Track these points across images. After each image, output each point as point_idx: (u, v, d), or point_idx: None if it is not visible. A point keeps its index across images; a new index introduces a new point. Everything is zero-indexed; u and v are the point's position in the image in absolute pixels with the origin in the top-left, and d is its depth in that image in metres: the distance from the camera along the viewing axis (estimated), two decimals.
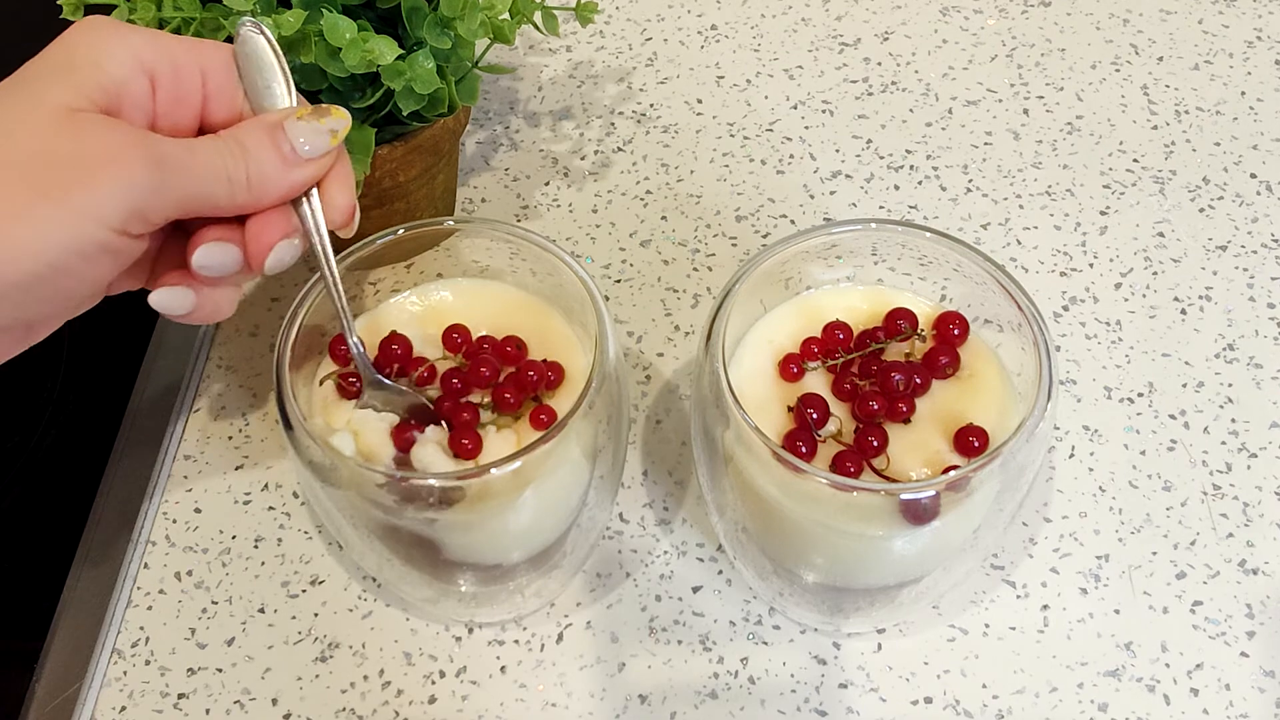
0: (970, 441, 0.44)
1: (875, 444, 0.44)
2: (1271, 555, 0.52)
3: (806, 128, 0.69)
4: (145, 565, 0.53)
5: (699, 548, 0.53)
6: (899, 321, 0.47)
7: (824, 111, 0.70)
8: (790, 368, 0.46)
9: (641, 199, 0.66)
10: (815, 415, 0.44)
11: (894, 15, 0.75)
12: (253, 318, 0.62)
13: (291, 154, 0.38)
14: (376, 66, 0.49)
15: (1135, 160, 0.67)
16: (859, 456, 0.44)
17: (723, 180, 0.67)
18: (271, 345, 0.61)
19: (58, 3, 0.52)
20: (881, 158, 0.67)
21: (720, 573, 0.52)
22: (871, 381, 0.45)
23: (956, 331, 0.47)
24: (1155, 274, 0.62)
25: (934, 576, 0.48)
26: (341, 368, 0.46)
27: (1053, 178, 0.66)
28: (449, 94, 0.54)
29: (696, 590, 0.52)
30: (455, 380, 0.45)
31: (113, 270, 0.37)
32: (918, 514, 0.42)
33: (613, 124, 0.70)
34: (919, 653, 0.50)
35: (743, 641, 0.50)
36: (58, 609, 0.52)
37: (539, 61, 0.73)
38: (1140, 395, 0.57)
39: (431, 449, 0.44)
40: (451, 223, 0.49)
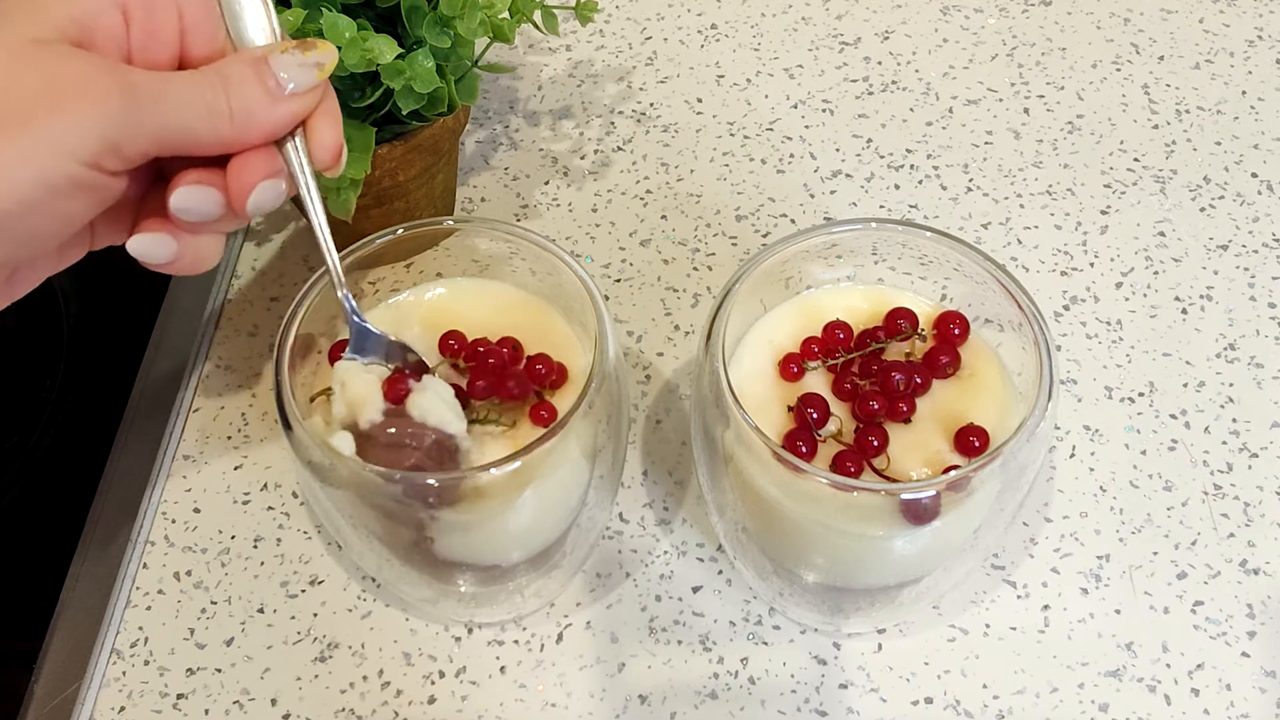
0: (971, 441, 0.44)
1: (875, 444, 0.44)
2: (1272, 555, 0.52)
3: (807, 127, 0.69)
4: (144, 565, 0.53)
5: (699, 548, 0.53)
6: (899, 321, 0.47)
7: (824, 111, 0.70)
8: (790, 367, 0.46)
9: (641, 198, 0.66)
10: (815, 415, 0.44)
11: (894, 14, 0.75)
12: (252, 317, 0.62)
13: (277, 88, 0.37)
14: (376, 65, 0.49)
15: (1136, 159, 0.67)
16: (859, 456, 0.43)
17: (723, 179, 0.67)
18: (270, 345, 0.60)
19: None
20: (882, 157, 0.67)
21: (720, 573, 0.52)
22: (872, 381, 0.45)
23: (957, 331, 0.47)
24: (1156, 273, 0.62)
25: (934, 576, 0.48)
26: None
27: (1053, 177, 0.66)
28: (448, 93, 0.54)
29: (696, 590, 0.52)
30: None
31: (89, 210, 0.35)
32: (918, 514, 0.42)
33: (612, 123, 0.70)
34: (919, 653, 0.50)
35: (743, 641, 0.50)
36: (57, 609, 0.52)
37: (539, 60, 0.73)
38: (1141, 395, 0.57)
39: (430, 396, 0.43)
40: (451, 222, 0.49)
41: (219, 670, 0.50)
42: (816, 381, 0.46)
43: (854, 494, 0.41)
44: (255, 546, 0.54)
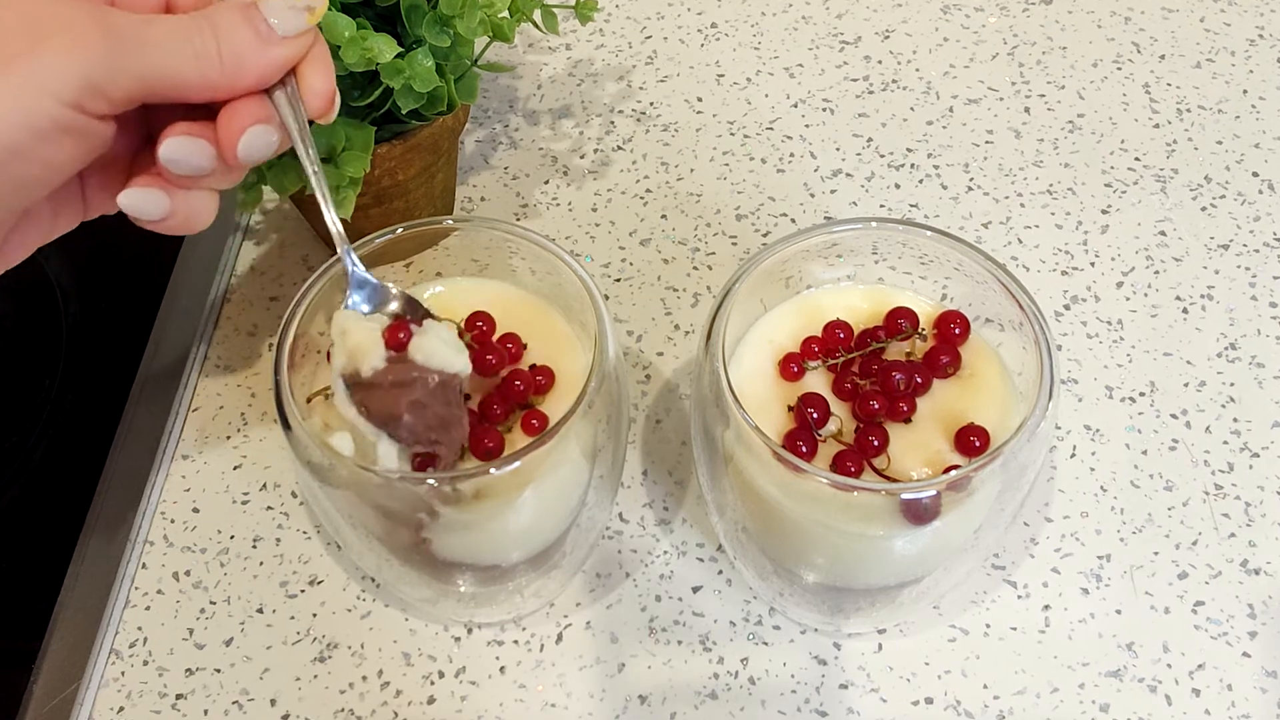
0: (971, 441, 0.44)
1: (876, 443, 0.44)
2: (1273, 555, 0.52)
3: (807, 126, 0.69)
4: (143, 565, 0.53)
5: (699, 548, 0.53)
6: (900, 321, 0.47)
7: (824, 110, 0.70)
8: (790, 367, 0.46)
9: (641, 198, 0.66)
10: (816, 415, 0.44)
11: (895, 13, 0.75)
12: (251, 317, 0.62)
13: (267, 32, 0.36)
14: (375, 64, 0.49)
15: (1137, 159, 0.67)
16: (859, 456, 0.43)
17: (723, 179, 0.66)
18: (270, 345, 0.60)
19: None
20: (882, 156, 0.67)
21: (720, 573, 0.52)
22: (872, 381, 0.45)
23: (957, 331, 0.47)
24: (1157, 273, 0.62)
25: (935, 576, 0.47)
26: None
27: (1054, 176, 0.66)
28: (448, 92, 0.54)
29: (696, 590, 0.52)
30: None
31: (74, 157, 0.35)
32: (918, 514, 0.42)
33: (612, 122, 0.69)
34: (920, 653, 0.50)
35: (743, 642, 0.50)
36: (55, 609, 0.52)
37: (538, 60, 0.73)
38: (1142, 394, 0.57)
39: (432, 339, 0.42)
40: (450, 221, 0.49)
41: (218, 670, 0.50)
42: (817, 381, 0.46)
43: (854, 494, 0.41)
44: (254, 546, 0.54)
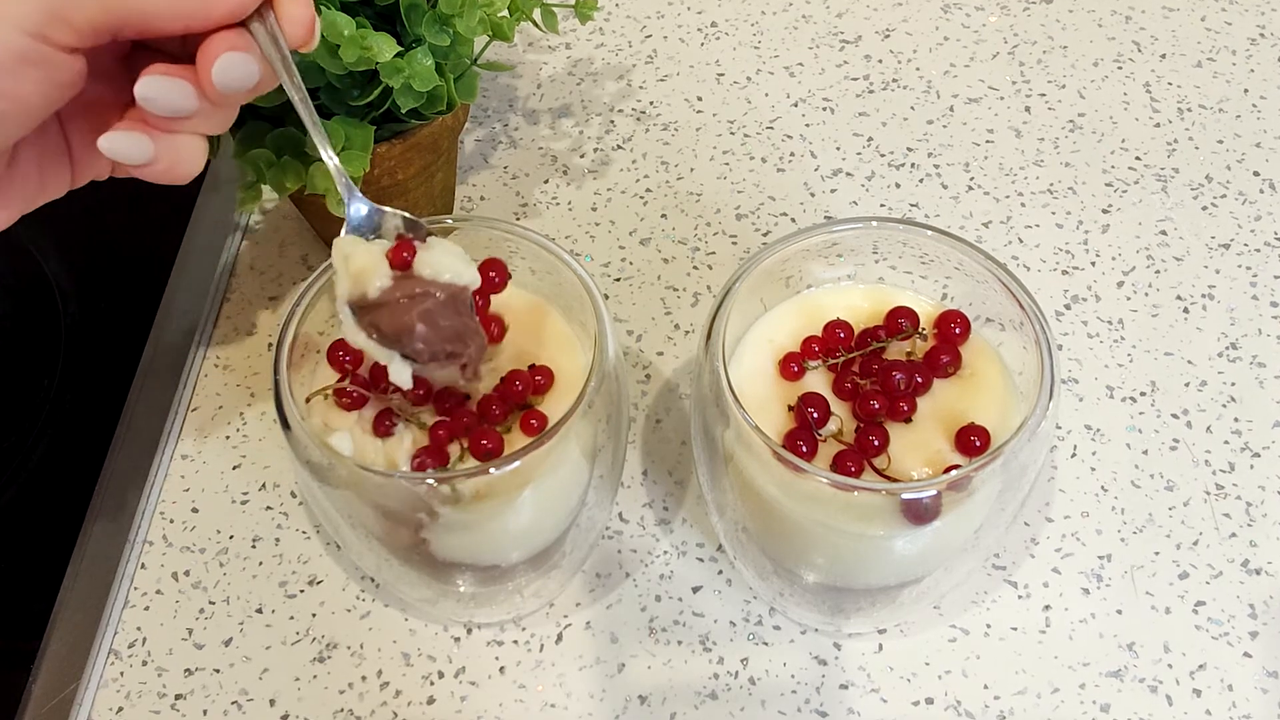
0: (972, 441, 0.43)
1: (876, 443, 0.43)
2: (1274, 555, 0.52)
3: (807, 125, 0.69)
4: (142, 565, 0.53)
5: (699, 548, 0.53)
6: (900, 320, 0.47)
7: (825, 109, 0.70)
8: (791, 366, 0.46)
9: (641, 197, 0.66)
10: (816, 414, 0.44)
11: (895, 12, 0.75)
12: (250, 316, 0.61)
13: None
14: (375, 64, 0.49)
15: (1138, 158, 0.67)
16: (860, 456, 0.43)
17: (723, 178, 0.66)
18: (269, 344, 0.60)
19: None
20: (882, 155, 0.67)
21: (720, 573, 0.52)
22: (872, 380, 0.45)
23: (958, 330, 0.47)
24: (1158, 272, 0.62)
25: (935, 576, 0.47)
26: (340, 374, 0.46)
27: (1054, 176, 0.66)
28: (448, 91, 0.54)
29: (696, 590, 0.52)
30: (447, 399, 0.45)
31: (43, 93, 0.34)
32: (919, 514, 0.42)
33: (612, 122, 0.69)
34: (920, 653, 0.50)
35: (743, 642, 0.50)
36: (54, 609, 0.52)
37: (538, 59, 0.73)
38: (1143, 394, 0.57)
39: (438, 253, 0.41)
40: (450, 221, 0.49)
41: (217, 671, 0.50)
42: (817, 381, 0.46)
43: (854, 494, 0.41)
44: (254, 546, 0.54)
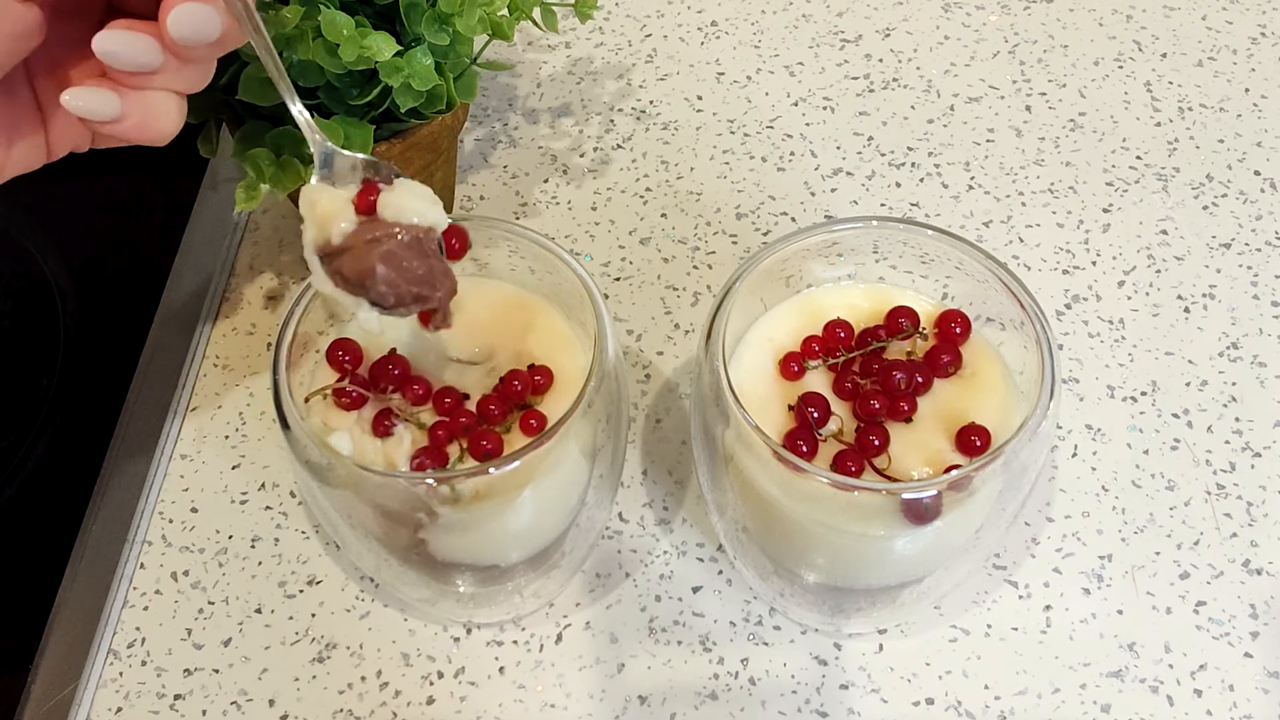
0: (972, 440, 0.43)
1: (876, 443, 0.43)
2: (1276, 555, 0.52)
3: (807, 124, 0.69)
4: (141, 565, 0.53)
5: (699, 548, 0.53)
6: (900, 320, 0.47)
7: (825, 108, 0.70)
8: (791, 366, 0.46)
9: (641, 196, 0.66)
10: (816, 414, 0.44)
11: (895, 11, 0.75)
12: (249, 316, 0.61)
13: None
14: (374, 63, 0.49)
15: (1138, 157, 0.67)
16: (860, 456, 0.43)
17: (723, 177, 0.66)
18: (268, 344, 0.60)
19: None
20: (883, 155, 0.67)
21: (720, 573, 0.52)
22: (873, 380, 0.45)
23: (958, 330, 0.47)
24: (1158, 272, 0.62)
25: (935, 577, 0.47)
26: (339, 374, 0.46)
27: (1055, 175, 0.66)
28: (447, 91, 0.53)
29: (696, 590, 0.52)
30: (446, 399, 0.45)
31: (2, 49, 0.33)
32: (919, 514, 0.42)
33: (612, 121, 0.69)
34: (920, 653, 0.50)
35: (743, 642, 0.50)
36: (53, 609, 0.51)
37: (538, 58, 0.73)
38: (1143, 394, 0.57)
39: (403, 193, 0.40)
40: (450, 220, 0.49)
41: (216, 671, 0.50)
42: (817, 380, 0.46)
43: (855, 493, 0.41)
44: (253, 546, 0.54)
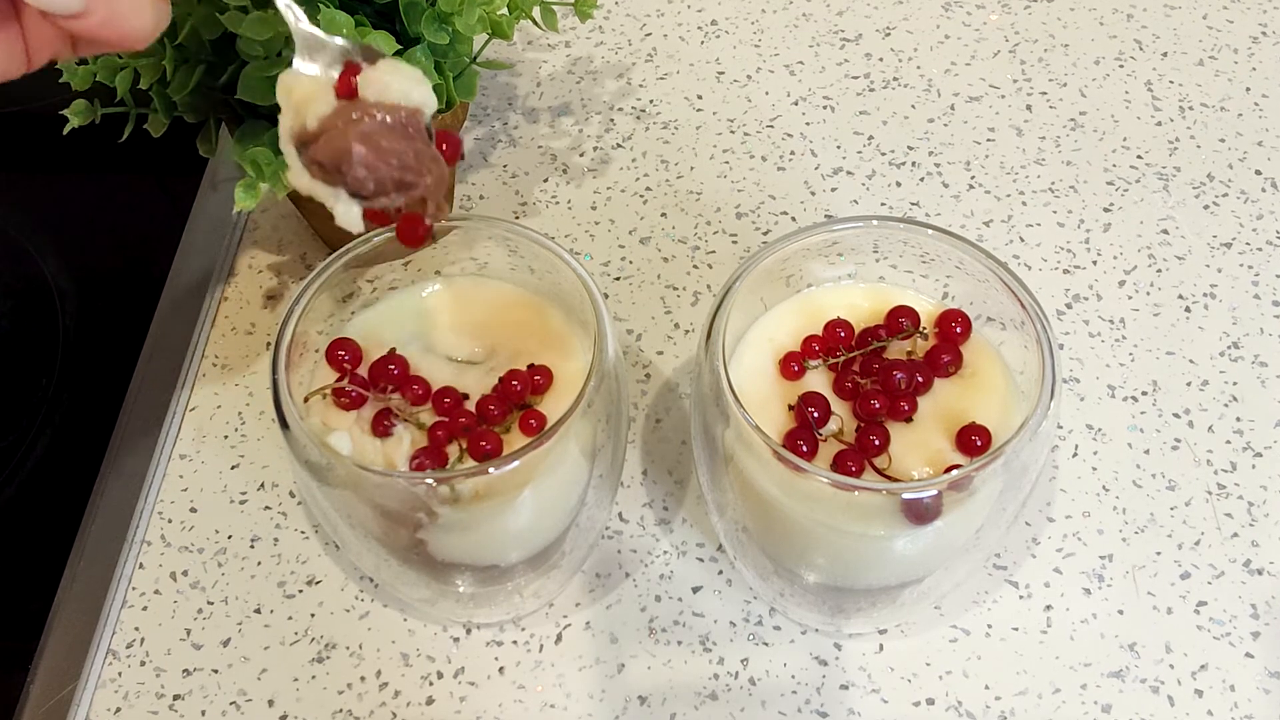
0: (972, 440, 0.43)
1: (877, 443, 0.43)
2: (1276, 555, 0.52)
3: (807, 124, 0.69)
4: (140, 565, 0.53)
5: (699, 548, 0.53)
6: (901, 319, 0.47)
7: (825, 107, 0.69)
8: (791, 366, 0.46)
9: (641, 196, 0.66)
10: (816, 414, 0.44)
11: (896, 11, 0.75)
12: (249, 315, 0.61)
13: None
14: None
15: (1139, 157, 0.67)
16: (860, 455, 0.43)
17: (723, 177, 0.66)
18: (267, 343, 0.60)
19: None
20: (883, 154, 0.67)
21: (720, 573, 0.52)
22: (873, 380, 0.45)
23: (959, 329, 0.47)
24: (1159, 271, 0.62)
25: (936, 577, 0.47)
26: (338, 374, 0.46)
27: (1056, 174, 0.66)
28: (447, 90, 0.53)
29: (696, 590, 0.52)
30: (446, 399, 0.45)
31: None
32: (920, 513, 0.41)
33: (612, 120, 0.69)
34: (921, 654, 0.50)
35: (743, 642, 0.50)
36: (52, 609, 0.51)
37: (537, 57, 0.73)
38: (1144, 394, 0.57)
39: (384, 72, 0.37)
40: (449, 220, 0.49)
41: (216, 671, 0.50)
42: (817, 380, 0.46)
43: (855, 493, 0.41)
44: (252, 546, 0.54)
